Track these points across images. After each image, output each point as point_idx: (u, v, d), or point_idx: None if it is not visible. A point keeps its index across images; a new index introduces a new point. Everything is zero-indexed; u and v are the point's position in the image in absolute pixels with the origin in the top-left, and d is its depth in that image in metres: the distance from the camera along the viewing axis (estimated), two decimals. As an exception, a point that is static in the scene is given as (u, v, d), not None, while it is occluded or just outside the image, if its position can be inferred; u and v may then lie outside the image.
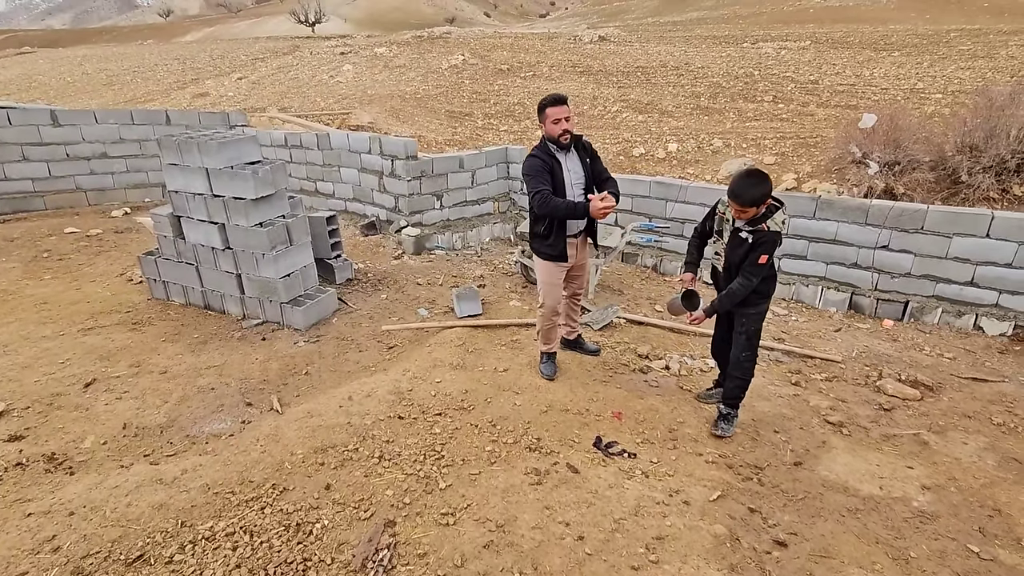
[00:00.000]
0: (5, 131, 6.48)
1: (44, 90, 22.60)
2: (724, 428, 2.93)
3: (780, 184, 10.22)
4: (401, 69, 19.05)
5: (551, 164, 3.08)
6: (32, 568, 1.95)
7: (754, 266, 2.59)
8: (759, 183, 2.48)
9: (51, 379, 3.29)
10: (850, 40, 20.28)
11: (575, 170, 3.14)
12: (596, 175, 3.20)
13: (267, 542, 2.11)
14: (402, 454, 2.65)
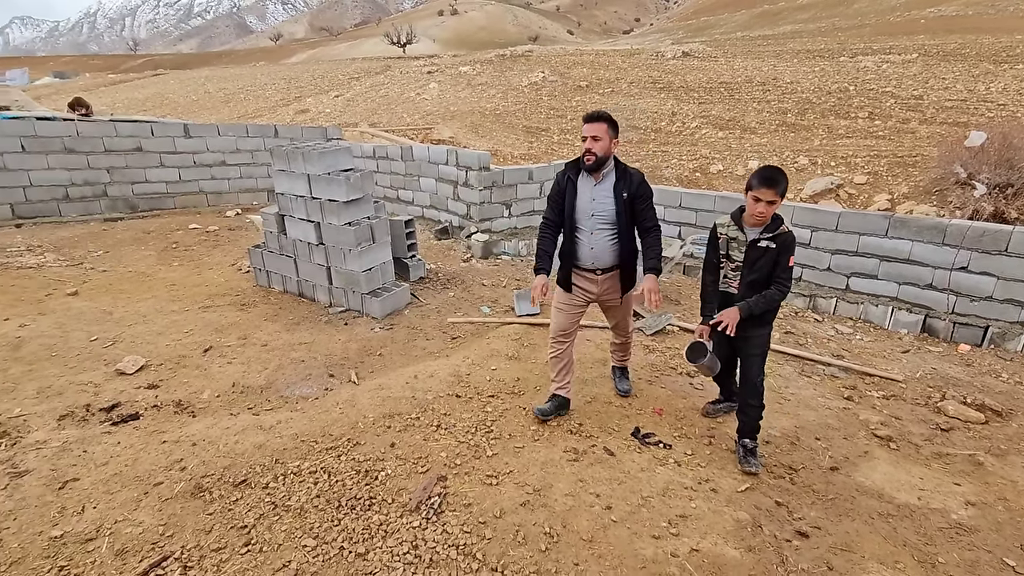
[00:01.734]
0: (148, 141, 7.68)
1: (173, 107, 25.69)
2: (755, 464, 2.72)
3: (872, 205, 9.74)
4: (483, 87, 19.94)
5: (564, 187, 2.82)
6: (166, 480, 2.48)
7: (786, 270, 2.56)
8: (782, 172, 2.47)
9: (178, 344, 3.97)
10: (965, 52, 18.78)
11: (600, 200, 2.75)
12: (638, 218, 2.79)
13: (341, 481, 2.51)
14: (457, 425, 3.00)
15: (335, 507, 2.36)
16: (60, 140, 7.02)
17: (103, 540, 2.14)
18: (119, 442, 2.75)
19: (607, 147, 2.70)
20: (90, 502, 2.33)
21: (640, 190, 2.77)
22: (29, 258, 5.69)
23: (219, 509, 2.33)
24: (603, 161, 2.72)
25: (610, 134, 2.69)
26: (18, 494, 2.36)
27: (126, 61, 70.77)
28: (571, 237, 2.85)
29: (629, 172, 2.78)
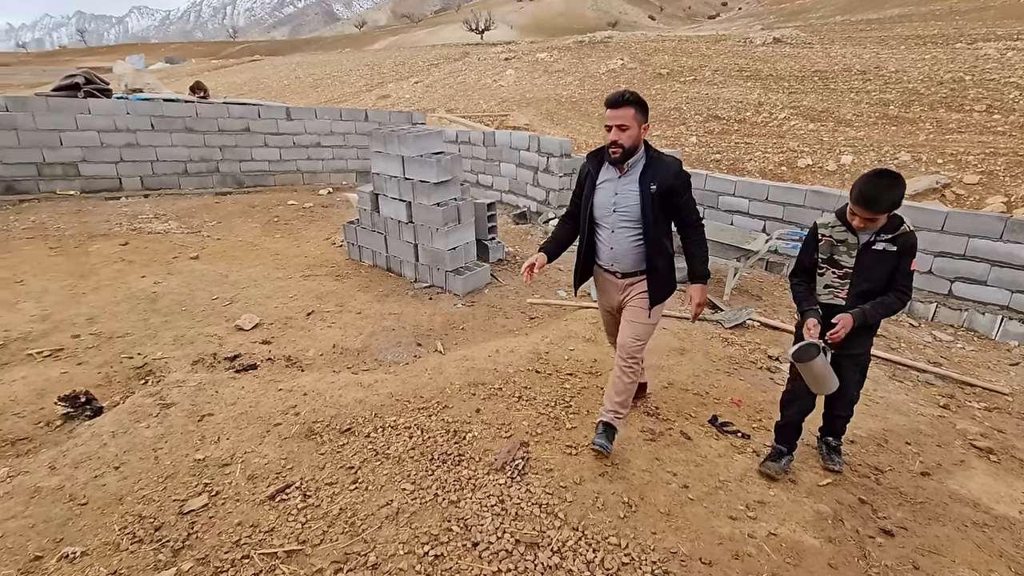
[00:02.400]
0: (255, 123, 8.35)
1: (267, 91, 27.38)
2: (838, 462, 2.67)
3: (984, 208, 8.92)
4: (559, 74, 19.84)
5: (584, 176, 2.51)
6: (284, 422, 2.81)
7: (908, 276, 2.25)
8: (896, 183, 2.11)
9: (285, 307, 4.39)
10: (1110, 38, 16.59)
11: (623, 194, 2.39)
12: (674, 214, 2.44)
13: (432, 438, 2.75)
14: (537, 399, 3.16)
15: (428, 459, 2.59)
16: (182, 120, 7.79)
17: (236, 466, 2.48)
18: (243, 387, 3.13)
19: (636, 136, 2.31)
20: (224, 434, 2.70)
21: (675, 182, 2.34)
22: (157, 224, 6.41)
23: (329, 451, 2.62)
24: (630, 152, 2.34)
25: (639, 119, 2.30)
26: (167, 422, 2.77)
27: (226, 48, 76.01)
28: (590, 233, 2.54)
29: (661, 160, 2.36)
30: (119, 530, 2.10)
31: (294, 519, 2.20)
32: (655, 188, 2.33)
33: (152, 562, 1.97)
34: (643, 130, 2.34)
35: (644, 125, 2.34)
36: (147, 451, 2.55)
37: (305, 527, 2.17)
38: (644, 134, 2.35)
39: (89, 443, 2.59)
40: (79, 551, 1.99)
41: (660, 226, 2.42)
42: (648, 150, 2.40)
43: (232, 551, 2.03)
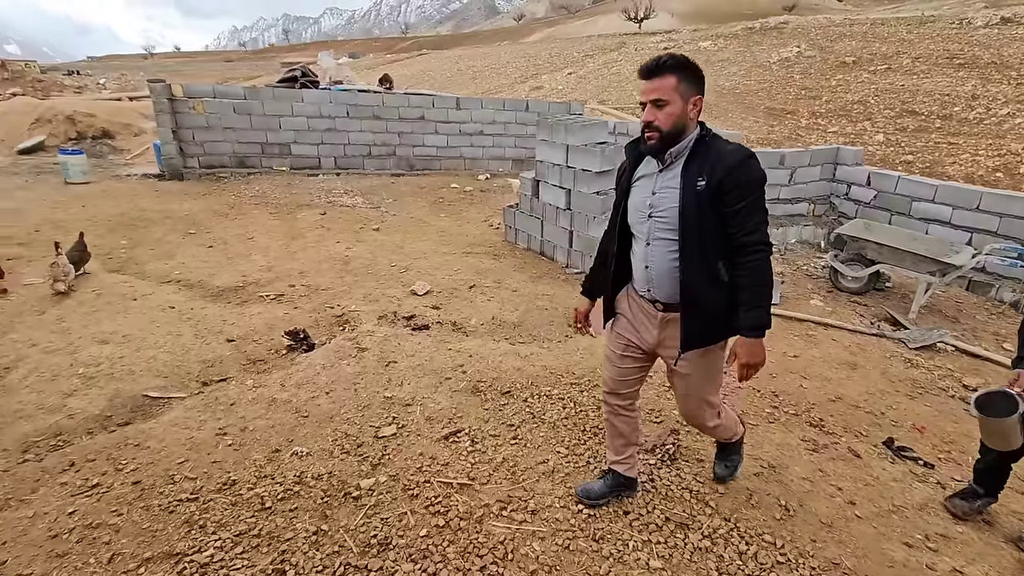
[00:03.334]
0: (429, 112, 9.18)
1: (432, 83, 29.50)
2: None
3: None
4: (723, 63, 18.66)
5: (621, 173, 1.96)
6: (453, 377, 3.17)
7: None
8: None
9: (450, 279, 4.86)
10: None
11: (662, 194, 1.78)
12: (727, 225, 1.71)
13: (584, 412, 2.91)
14: (688, 391, 3.16)
15: (581, 430, 2.76)
16: (371, 108, 8.85)
17: (416, 407, 2.88)
18: (419, 343, 3.58)
19: (679, 114, 1.69)
20: (405, 380, 3.13)
21: (730, 177, 1.66)
22: (347, 199, 7.42)
23: (492, 408, 2.91)
24: (673, 137, 1.72)
25: (683, 92, 1.68)
26: (362, 363, 3.28)
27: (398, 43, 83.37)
28: (624, 246, 1.95)
29: (716, 146, 1.72)
30: (332, 441, 2.58)
31: (464, 459, 2.51)
32: (703, 184, 1.69)
33: (357, 470, 2.40)
34: (692, 106, 1.70)
35: (694, 99, 1.70)
36: (348, 384, 3.06)
37: (473, 467, 2.46)
38: (692, 113, 1.71)
39: (306, 371, 3.18)
40: (304, 451, 2.49)
41: (708, 238, 1.72)
42: (702, 135, 1.75)
43: (416, 475, 2.39)
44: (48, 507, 2.12)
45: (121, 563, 1.89)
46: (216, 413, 2.77)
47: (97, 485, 2.24)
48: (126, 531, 2.02)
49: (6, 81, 15.95)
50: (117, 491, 2.21)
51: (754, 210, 1.69)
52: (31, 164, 8.92)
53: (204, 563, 1.89)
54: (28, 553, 1.91)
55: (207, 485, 2.26)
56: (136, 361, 3.25)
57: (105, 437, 2.59)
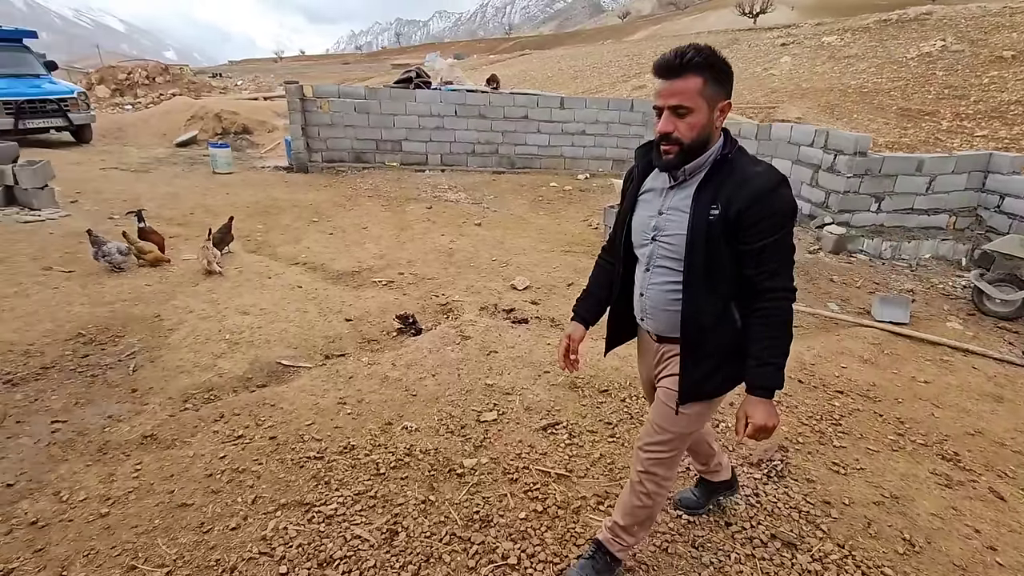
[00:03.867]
0: (533, 111, 9.33)
1: (532, 82, 29.75)
2: None
3: None
4: (849, 59, 17.13)
5: (629, 180, 1.67)
6: (551, 371, 3.24)
7: None
8: None
9: (549, 276, 4.94)
10: None
11: (670, 215, 1.49)
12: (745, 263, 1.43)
13: (685, 418, 2.85)
14: (799, 407, 2.99)
15: (680, 436, 2.71)
16: (478, 108, 9.17)
17: (516, 397, 2.98)
18: (518, 335, 3.69)
19: (705, 123, 1.38)
20: (505, 370, 3.25)
21: (759, 208, 1.37)
22: (451, 194, 7.76)
23: (590, 404, 2.94)
24: (694, 151, 1.42)
25: (710, 96, 1.37)
26: (465, 350, 3.45)
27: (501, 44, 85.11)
28: (626, 269, 1.68)
29: (740, 169, 1.41)
30: (437, 420, 2.75)
31: (562, 451, 2.57)
32: (716, 212, 1.40)
33: (460, 449, 2.54)
34: (719, 113, 1.40)
35: (721, 104, 1.39)
36: (452, 369, 3.23)
37: (571, 460, 2.51)
38: (720, 119, 1.41)
39: (414, 353, 3.40)
40: (413, 426, 2.68)
41: (718, 274, 1.45)
42: (725, 147, 1.44)
43: (515, 460, 2.48)
44: (204, 450, 2.46)
45: (262, 505, 2.15)
46: (337, 384, 3.05)
47: (241, 436, 2.57)
48: (265, 478, 2.29)
49: (168, 83, 18.40)
50: (257, 443, 2.52)
51: (780, 248, 1.40)
52: (186, 155, 10.23)
53: (329, 515, 2.10)
54: (190, 487, 2.24)
55: (330, 447, 2.50)
56: (271, 332, 3.65)
57: (247, 396, 2.95)
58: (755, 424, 1.44)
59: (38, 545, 1.93)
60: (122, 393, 2.92)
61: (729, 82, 1.40)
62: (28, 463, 2.35)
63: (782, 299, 1.42)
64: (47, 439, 2.52)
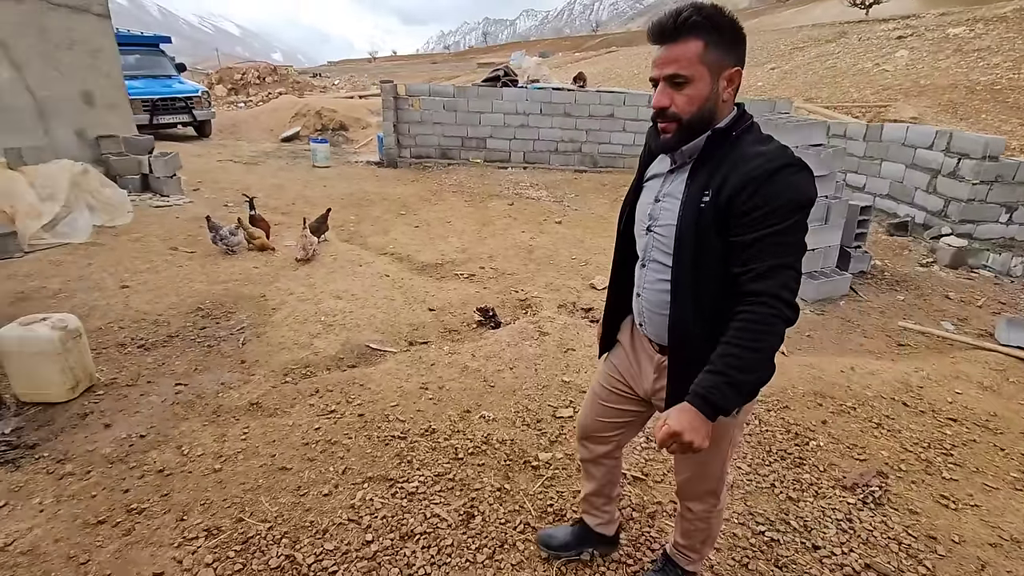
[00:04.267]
0: (619, 109, 9.19)
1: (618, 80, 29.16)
2: None
3: None
4: (980, 53, 15.36)
5: (642, 162, 1.47)
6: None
7: None
8: None
9: (629, 277, 4.86)
10: None
11: (664, 203, 1.32)
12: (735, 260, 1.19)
13: (771, 432, 2.71)
14: (902, 432, 2.75)
15: (766, 451, 2.58)
16: (563, 106, 9.17)
17: (592, 396, 2.97)
18: (596, 334, 3.67)
19: (707, 95, 1.19)
20: (582, 367, 3.24)
21: (752, 194, 1.14)
22: (532, 192, 7.83)
23: (669, 409, 2.88)
24: (697, 129, 1.22)
25: (713, 63, 1.17)
26: (543, 346, 3.48)
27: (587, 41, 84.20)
28: (624, 265, 1.54)
29: (741, 149, 1.20)
30: (514, 412, 2.81)
31: (637, 454, 2.53)
32: (708, 197, 1.20)
33: (536, 443, 2.58)
34: (727, 83, 1.20)
35: (729, 72, 1.19)
36: (530, 363, 3.28)
37: (647, 464, 2.47)
38: (729, 91, 1.21)
39: (493, 346, 3.49)
40: (491, 416, 2.75)
41: (707, 271, 1.24)
42: (737, 124, 1.23)
43: (590, 459, 2.48)
44: (302, 420, 2.68)
45: (350, 476, 2.31)
46: (419, 370, 3.19)
47: (334, 411, 2.76)
48: (355, 452, 2.45)
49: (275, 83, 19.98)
50: (348, 419, 2.70)
51: (777, 247, 1.13)
52: (289, 150, 11.06)
53: (411, 492, 2.22)
54: (289, 453, 2.44)
55: (413, 428, 2.63)
56: (361, 316, 3.88)
57: (339, 374, 3.16)
58: (668, 427, 1.14)
59: (164, 491, 2.20)
60: (233, 363, 3.23)
61: (738, 46, 1.18)
62: (156, 418, 2.67)
63: (766, 306, 1.12)
64: (172, 399, 2.84)
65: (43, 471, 2.29)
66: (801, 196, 1.13)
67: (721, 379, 1.12)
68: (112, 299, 3.91)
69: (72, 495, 2.16)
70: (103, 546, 1.92)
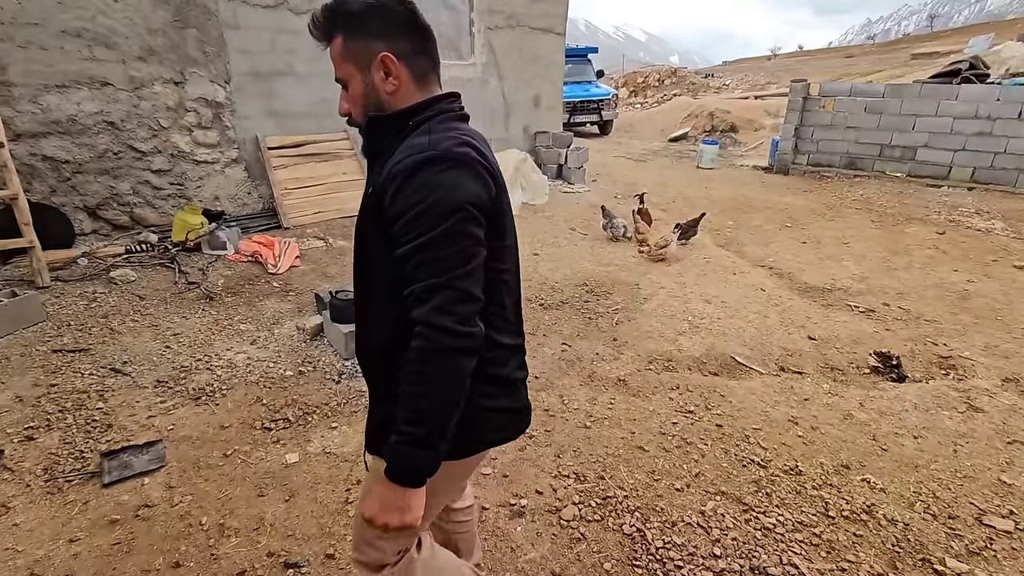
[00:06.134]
0: None
1: None
2: None
3: None
4: None
5: None
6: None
7: None
8: None
9: None
10: None
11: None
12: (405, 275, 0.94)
13: None
14: None
15: None
16: (1064, 108, 6.55)
17: (1053, 519, 2.10)
18: (1073, 437, 2.56)
19: (361, 92, 1.02)
20: None
21: (390, 197, 0.93)
22: (977, 221, 5.95)
23: None
24: (371, 128, 1.04)
25: (354, 55, 0.99)
26: (971, 424, 2.65)
27: (1121, 12, 57.17)
28: None
29: (407, 141, 0.97)
30: (913, 492, 2.24)
31: None
32: (367, 196, 1.02)
33: (945, 544, 2.00)
34: (377, 71, 0.99)
35: (376, 60, 0.98)
36: (946, 440, 2.55)
37: None
38: (391, 81, 1.00)
39: (892, 402, 2.84)
40: (878, 484, 2.26)
41: (372, 281, 1.06)
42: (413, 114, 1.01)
43: (1037, 603, 1.78)
44: (661, 410, 2.79)
45: (703, 482, 2.29)
46: (789, 400, 2.88)
47: (692, 412, 2.78)
48: (709, 460, 2.42)
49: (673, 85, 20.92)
50: (705, 425, 2.67)
51: (423, 262, 0.91)
52: (676, 149, 11.48)
53: (767, 526, 2.05)
54: (647, 436, 2.59)
55: (776, 461, 2.41)
56: (729, 325, 3.76)
57: (700, 377, 3.15)
58: (359, 510, 1.07)
59: (548, 427, 2.65)
60: (606, 339, 3.62)
61: (373, 24, 0.98)
62: (548, 367, 3.23)
63: (421, 338, 0.91)
64: (559, 355, 3.38)
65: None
66: (449, 197, 0.91)
67: (397, 439, 0.93)
68: (526, 262, 4.90)
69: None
70: (505, 452, 2.46)
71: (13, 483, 2.23)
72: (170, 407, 2.74)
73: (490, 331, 0.99)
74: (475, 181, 0.94)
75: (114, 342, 3.31)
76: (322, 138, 5.92)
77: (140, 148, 4.92)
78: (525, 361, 1.21)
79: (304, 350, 3.31)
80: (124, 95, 4.73)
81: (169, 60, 4.88)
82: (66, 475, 2.26)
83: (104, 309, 3.71)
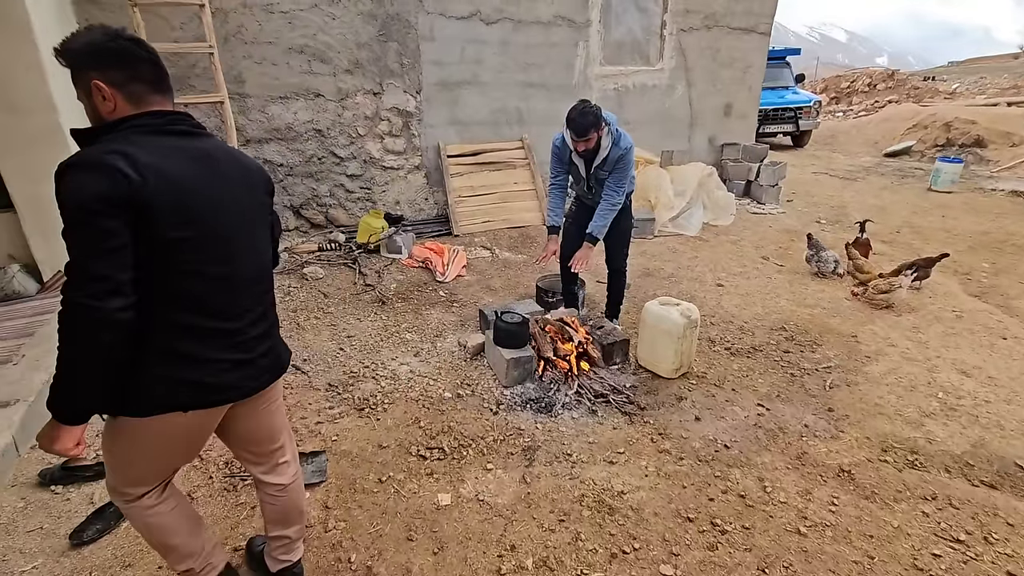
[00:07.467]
0: None
1: None
2: None
3: None
4: None
5: None
6: None
7: None
8: None
9: None
10: None
11: None
12: None
13: None
14: None
15: None
16: None
17: None
18: None
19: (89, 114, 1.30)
20: None
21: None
22: None
23: None
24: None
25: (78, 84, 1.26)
26: None
27: None
28: None
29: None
30: None
31: None
32: None
33: None
34: (95, 96, 1.23)
35: (89, 87, 1.22)
36: None
37: None
38: (108, 105, 1.23)
39: None
40: None
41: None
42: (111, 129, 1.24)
43: None
44: (911, 530, 2.04)
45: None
46: None
47: (961, 542, 1.98)
48: (1004, 633, 1.65)
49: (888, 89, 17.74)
50: (985, 567, 1.87)
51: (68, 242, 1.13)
52: (894, 167, 9.56)
53: None
54: (890, 566, 1.88)
55: None
56: (1004, 413, 2.75)
57: (966, 487, 2.29)
58: None
59: (745, 523, 2.08)
60: (817, 406, 2.88)
61: (86, 57, 1.21)
62: (739, 434, 2.63)
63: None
64: (754, 419, 2.75)
65: (647, 437, 2.60)
66: (69, 198, 1.10)
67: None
68: (708, 294, 4.26)
69: (668, 474, 2.34)
70: (690, 547, 1.97)
71: (200, 471, 2.34)
72: (336, 415, 2.73)
73: (171, 312, 1.21)
74: (89, 187, 1.08)
75: (299, 338, 3.49)
76: (498, 146, 5.89)
77: (339, 154, 5.32)
78: (243, 342, 1.36)
79: (464, 369, 3.16)
80: (332, 105, 5.15)
81: (371, 72, 5.20)
82: (241, 474, 2.31)
83: (295, 304, 3.98)
